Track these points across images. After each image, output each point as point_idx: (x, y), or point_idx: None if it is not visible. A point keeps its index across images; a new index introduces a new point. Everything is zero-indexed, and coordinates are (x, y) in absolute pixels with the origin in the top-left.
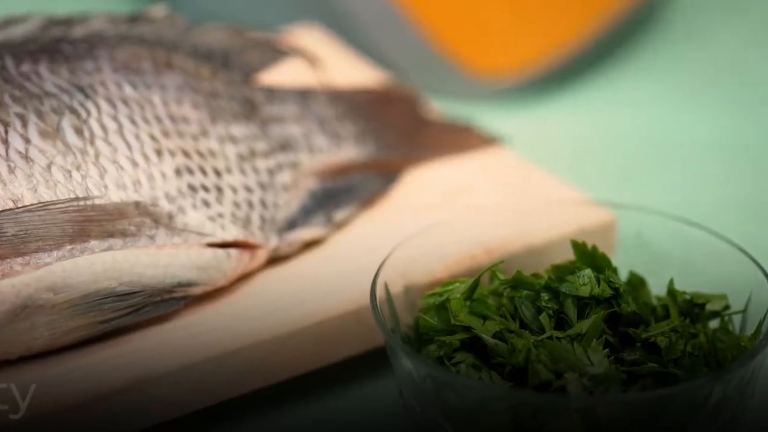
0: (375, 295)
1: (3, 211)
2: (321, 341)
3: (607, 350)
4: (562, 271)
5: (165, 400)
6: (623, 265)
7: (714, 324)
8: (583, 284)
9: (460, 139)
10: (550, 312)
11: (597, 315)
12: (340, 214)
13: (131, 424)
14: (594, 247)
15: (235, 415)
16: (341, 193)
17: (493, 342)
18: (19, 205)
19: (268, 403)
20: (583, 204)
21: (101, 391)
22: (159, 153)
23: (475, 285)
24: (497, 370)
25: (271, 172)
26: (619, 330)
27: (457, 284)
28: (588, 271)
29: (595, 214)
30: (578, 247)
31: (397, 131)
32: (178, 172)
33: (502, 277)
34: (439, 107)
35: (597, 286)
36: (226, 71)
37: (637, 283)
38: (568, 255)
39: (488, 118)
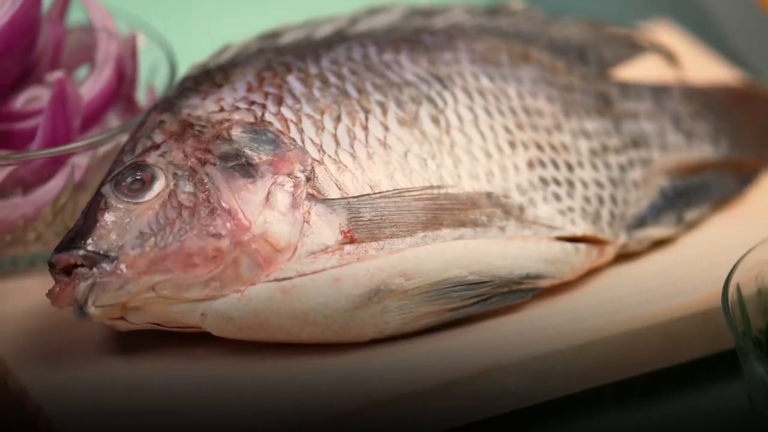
0: (727, 296)
1: (361, 196)
2: (667, 341)
3: None
4: None
5: (510, 390)
6: None
7: None
8: None
9: None
10: None
11: None
12: (692, 214)
13: (474, 412)
14: None
15: (573, 412)
16: (694, 193)
17: None
18: (376, 191)
19: (607, 402)
20: None
21: (449, 377)
22: (512, 145)
23: None
24: None
25: (622, 168)
26: None
27: None
28: None
29: None
30: None
31: (755, 131)
32: (530, 164)
33: None
34: None
35: None
36: (582, 65)
37: None
38: None
39: None
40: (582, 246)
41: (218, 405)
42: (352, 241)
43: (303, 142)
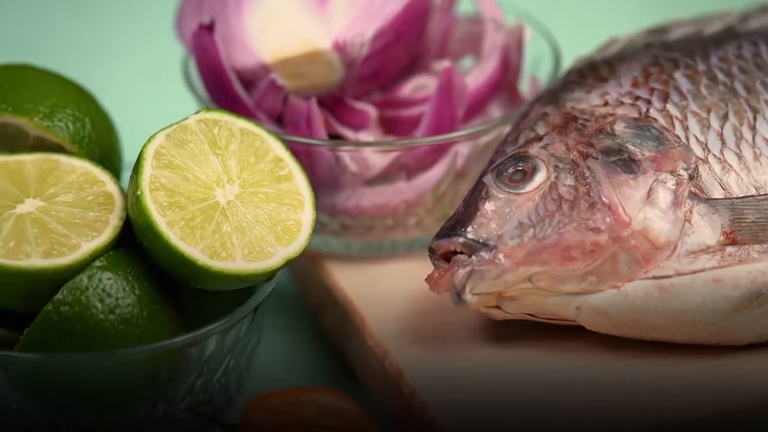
0: None
1: (745, 197)
2: None
3: None
4: None
5: None
6: None
7: None
8: None
9: None
10: None
11: None
12: None
13: None
14: None
15: None
16: None
17: None
18: (762, 193)
19: None
20: None
21: None
22: None
23: None
24: None
25: None
26: None
27: None
28: None
29: None
30: None
31: None
32: None
33: None
34: None
35: None
36: None
37: None
38: None
39: None
40: None
41: (583, 399)
42: (734, 242)
43: (687, 140)
